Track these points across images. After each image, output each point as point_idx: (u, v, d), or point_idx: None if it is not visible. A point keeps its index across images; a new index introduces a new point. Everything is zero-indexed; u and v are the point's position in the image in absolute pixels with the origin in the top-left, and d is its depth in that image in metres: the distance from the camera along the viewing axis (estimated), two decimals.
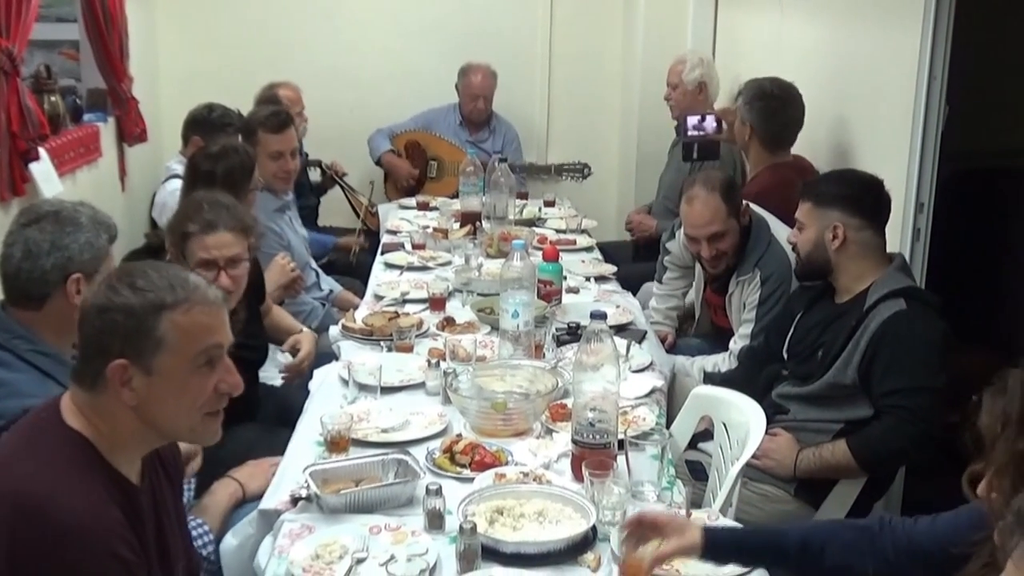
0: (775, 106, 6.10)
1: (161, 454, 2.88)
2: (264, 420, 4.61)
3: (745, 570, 3.06)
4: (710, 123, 6.64)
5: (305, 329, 5.38)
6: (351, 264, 7.35)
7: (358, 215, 8.07)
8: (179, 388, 2.63)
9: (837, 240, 4.35)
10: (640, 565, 2.95)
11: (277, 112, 6.27)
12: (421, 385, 4.37)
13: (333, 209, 8.47)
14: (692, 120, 6.76)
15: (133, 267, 2.72)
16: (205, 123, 6.36)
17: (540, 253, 5.48)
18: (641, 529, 3.00)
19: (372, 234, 7.75)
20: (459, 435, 3.86)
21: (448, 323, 5.10)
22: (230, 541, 3.50)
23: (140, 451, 2.72)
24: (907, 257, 4.98)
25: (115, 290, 2.59)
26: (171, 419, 2.67)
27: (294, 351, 5.18)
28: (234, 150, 5.33)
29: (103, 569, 2.45)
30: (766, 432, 3.90)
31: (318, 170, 8.13)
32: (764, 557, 3.06)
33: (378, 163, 8.77)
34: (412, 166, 8.71)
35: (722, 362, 5.23)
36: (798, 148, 6.19)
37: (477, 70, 8.72)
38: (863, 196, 4.41)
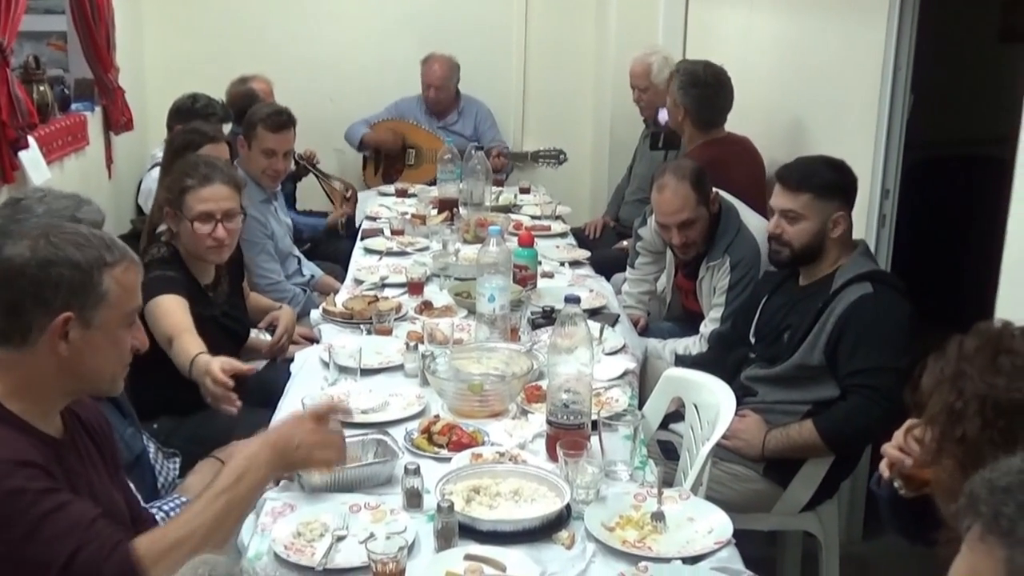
0: (709, 94, 6.20)
1: (86, 423, 2.90)
2: (247, 402, 4.59)
3: (715, 548, 3.07)
4: None
5: (284, 306, 5.37)
6: (341, 238, 7.37)
7: (332, 202, 8.07)
8: (112, 341, 2.73)
9: (839, 228, 4.34)
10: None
11: (280, 112, 6.25)
12: (400, 367, 4.36)
13: (309, 194, 8.44)
14: (663, 114, 6.83)
15: (63, 226, 2.81)
16: (189, 113, 6.35)
17: (516, 239, 5.48)
18: None
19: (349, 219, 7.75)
20: (437, 416, 3.86)
21: (426, 307, 5.09)
22: None
23: (55, 405, 2.75)
24: (873, 242, 5.01)
25: (56, 245, 2.63)
26: (99, 370, 2.76)
27: (271, 329, 5.16)
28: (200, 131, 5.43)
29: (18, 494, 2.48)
30: (735, 413, 3.90)
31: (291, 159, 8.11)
32: None
33: (360, 147, 8.76)
34: (391, 154, 8.69)
35: (693, 345, 5.23)
36: (767, 137, 6.21)
37: (435, 60, 8.73)
38: (852, 183, 4.44)
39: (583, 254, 6.29)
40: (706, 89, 6.17)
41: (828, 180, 4.41)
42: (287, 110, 6.34)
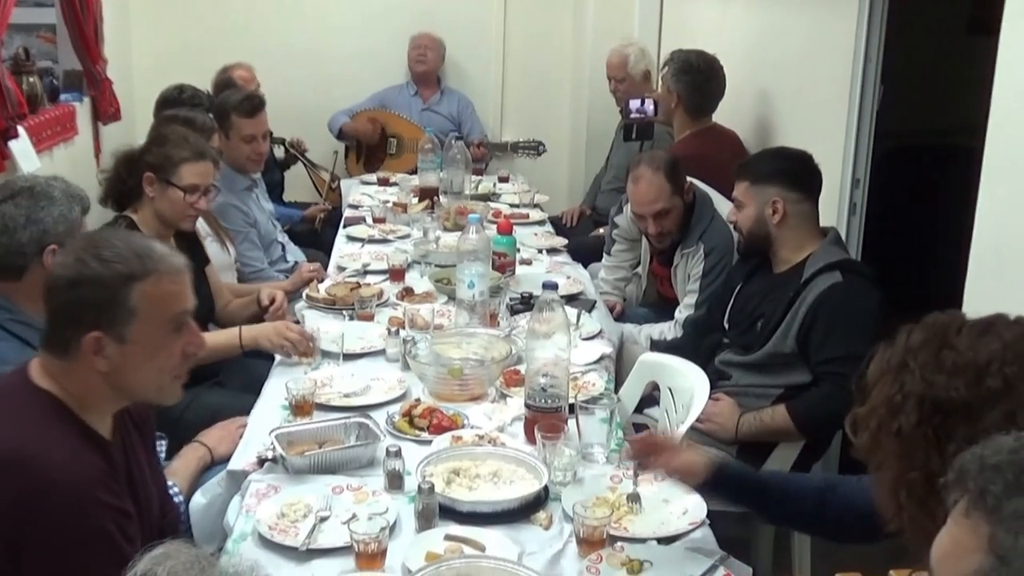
0: (701, 80, 6.30)
1: (132, 412, 2.88)
2: (231, 387, 4.58)
3: (689, 528, 3.07)
4: (649, 107, 6.71)
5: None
6: (317, 233, 7.33)
7: (320, 192, 8.07)
8: (151, 354, 2.65)
9: (777, 215, 4.34)
10: None
11: (251, 96, 6.23)
12: (381, 352, 4.36)
13: (296, 184, 8.44)
14: (634, 104, 6.87)
15: (98, 237, 2.74)
16: (176, 103, 6.32)
17: (495, 226, 5.47)
18: (650, 447, 3.15)
19: (333, 210, 7.73)
20: (418, 400, 3.86)
21: (407, 293, 5.08)
22: (199, 500, 3.47)
23: (109, 410, 2.72)
24: (844, 230, 5.02)
25: (83, 262, 2.57)
26: (142, 383, 2.69)
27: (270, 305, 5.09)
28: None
29: (87, 515, 2.46)
30: (709, 397, 3.90)
31: (281, 147, 8.08)
32: (752, 497, 3.16)
33: (340, 136, 8.74)
34: (372, 144, 8.67)
35: (668, 330, 5.23)
36: (741, 127, 6.22)
37: (425, 34, 8.90)
38: (798, 171, 4.42)
39: (560, 241, 6.29)
40: (698, 76, 6.28)
41: (764, 167, 4.48)
42: (256, 92, 6.34)
